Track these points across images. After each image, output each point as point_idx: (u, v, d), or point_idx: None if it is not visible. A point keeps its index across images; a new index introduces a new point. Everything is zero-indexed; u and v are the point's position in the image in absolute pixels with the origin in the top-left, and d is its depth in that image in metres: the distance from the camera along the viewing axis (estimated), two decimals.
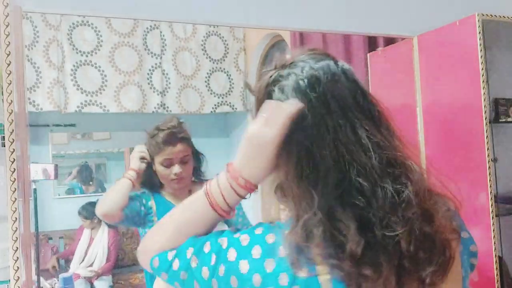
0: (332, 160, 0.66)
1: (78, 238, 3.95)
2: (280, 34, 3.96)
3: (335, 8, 2.09)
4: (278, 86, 0.72)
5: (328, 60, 0.73)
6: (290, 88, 0.71)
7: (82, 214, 3.89)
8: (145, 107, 4.01)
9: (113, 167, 4.64)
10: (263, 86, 0.74)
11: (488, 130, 1.86)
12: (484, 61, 1.87)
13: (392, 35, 2.32)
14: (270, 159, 0.71)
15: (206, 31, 4.33)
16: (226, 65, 4.44)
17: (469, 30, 1.91)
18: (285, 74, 0.72)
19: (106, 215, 1.65)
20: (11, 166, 1.32)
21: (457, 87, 2.01)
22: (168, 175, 1.69)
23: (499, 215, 1.93)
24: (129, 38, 3.98)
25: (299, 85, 0.70)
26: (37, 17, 3.62)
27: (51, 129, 4.25)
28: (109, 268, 3.74)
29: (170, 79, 4.15)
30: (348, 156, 0.66)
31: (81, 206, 3.95)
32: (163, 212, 1.70)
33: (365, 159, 0.67)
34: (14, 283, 1.31)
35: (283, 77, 0.72)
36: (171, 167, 1.68)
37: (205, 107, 4.32)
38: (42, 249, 3.89)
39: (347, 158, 0.66)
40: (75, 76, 3.77)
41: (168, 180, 1.70)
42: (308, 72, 0.71)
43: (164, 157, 1.67)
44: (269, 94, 0.73)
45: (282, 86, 0.72)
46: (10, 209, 1.31)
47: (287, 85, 0.71)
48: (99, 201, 1.67)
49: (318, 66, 0.72)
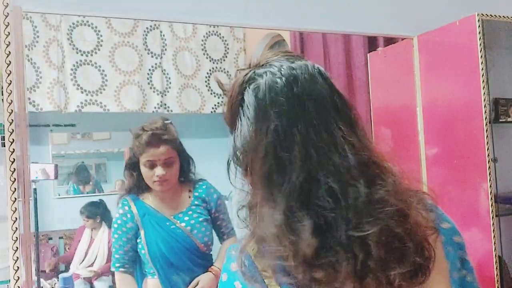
0: (299, 161, 0.65)
1: (78, 238, 3.95)
2: (280, 34, 3.96)
3: (335, 8, 2.09)
4: (254, 84, 0.70)
5: (305, 61, 0.73)
6: (265, 86, 0.69)
7: (84, 213, 3.90)
8: (145, 107, 4.01)
9: (113, 167, 4.64)
10: (237, 84, 0.72)
11: (488, 130, 1.86)
12: (484, 61, 1.87)
13: (392, 35, 2.32)
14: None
15: (206, 31, 4.33)
16: (226, 65, 4.44)
17: (469, 30, 1.91)
18: (261, 73, 0.71)
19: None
20: (11, 166, 1.32)
21: (457, 87, 2.01)
22: (150, 177, 1.68)
23: (499, 215, 1.93)
24: (129, 38, 3.98)
25: (276, 83, 0.69)
26: (37, 17, 3.62)
27: (51, 129, 4.25)
28: (109, 268, 3.74)
29: (171, 79, 4.15)
30: (318, 157, 0.65)
31: (83, 206, 3.96)
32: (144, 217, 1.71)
33: (338, 160, 0.66)
34: (14, 283, 1.31)
35: (258, 76, 0.71)
36: (154, 169, 1.67)
37: (206, 107, 4.32)
38: (42, 249, 3.89)
39: (316, 159, 0.65)
40: (75, 75, 3.77)
41: (151, 181, 1.69)
42: (286, 71, 0.70)
43: (147, 159, 1.66)
44: (241, 93, 0.71)
45: (257, 85, 0.70)
46: (10, 209, 1.31)
47: (262, 84, 0.70)
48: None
49: (296, 65, 0.71)
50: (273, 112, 0.67)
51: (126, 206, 1.74)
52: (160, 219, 1.72)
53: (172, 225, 1.72)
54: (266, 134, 0.67)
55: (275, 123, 0.67)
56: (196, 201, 1.79)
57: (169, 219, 1.73)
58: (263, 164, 0.67)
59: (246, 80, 0.72)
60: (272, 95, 0.68)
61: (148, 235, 1.70)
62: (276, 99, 0.68)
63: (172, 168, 1.70)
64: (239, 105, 0.71)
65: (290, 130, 0.66)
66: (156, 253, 1.69)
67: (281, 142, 0.66)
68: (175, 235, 1.71)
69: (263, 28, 3.41)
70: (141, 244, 1.71)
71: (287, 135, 0.66)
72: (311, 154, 0.66)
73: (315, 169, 0.65)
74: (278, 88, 0.69)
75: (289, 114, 0.67)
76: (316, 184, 0.65)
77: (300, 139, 0.66)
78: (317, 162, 0.65)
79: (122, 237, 1.72)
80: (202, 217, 1.77)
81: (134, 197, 1.76)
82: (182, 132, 1.83)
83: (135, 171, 1.73)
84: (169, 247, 1.69)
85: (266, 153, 0.67)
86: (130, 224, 1.72)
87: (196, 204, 1.78)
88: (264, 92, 0.69)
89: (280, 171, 0.66)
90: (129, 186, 1.76)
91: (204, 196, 1.81)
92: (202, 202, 1.80)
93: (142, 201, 1.75)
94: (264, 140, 0.67)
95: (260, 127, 0.68)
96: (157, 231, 1.71)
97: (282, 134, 0.66)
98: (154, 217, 1.72)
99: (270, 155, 0.66)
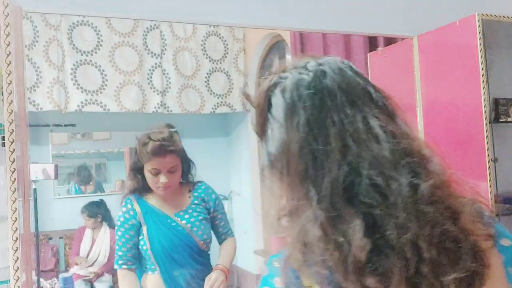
0: (338, 153, 0.61)
1: (79, 238, 3.95)
2: (280, 34, 3.96)
3: (335, 8, 2.09)
4: (280, 86, 0.68)
5: (333, 56, 0.70)
6: (292, 84, 0.67)
7: (85, 213, 3.89)
8: (145, 107, 4.01)
9: (113, 167, 4.64)
10: (263, 90, 0.70)
11: (488, 130, 1.86)
12: (484, 61, 1.87)
13: (392, 35, 2.32)
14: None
15: (206, 31, 4.33)
16: (225, 65, 4.44)
17: (469, 30, 1.91)
18: (287, 75, 0.69)
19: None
20: (11, 166, 1.32)
21: (457, 87, 2.01)
22: (155, 183, 1.75)
23: (499, 215, 1.93)
24: (129, 38, 3.98)
25: (302, 79, 0.66)
26: (37, 17, 3.62)
27: (51, 129, 4.24)
28: (110, 268, 3.74)
29: (170, 79, 4.15)
30: (358, 148, 0.61)
31: (84, 205, 3.96)
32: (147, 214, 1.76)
33: (378, 150, 0.61)
34: (14, 283, 1.31)
35: (284, 78, 0.69)
36: (158, 176, 1.73)
37: (205, 107, 4.32)
38: (42, 249, 3.89)
39: (356, 151, 0.61)
40: (75, 75, 3.77)
41: (155, 187, 1.76)
42: (313, 66, 0.68)
43: (153, 167, 1.72)
44: (269, 97, 0.69)
45: (284, 86, 0.68)
46: (10, 209, 1.31)
47: (289, 84, 0.67)
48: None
49: (322, 61, 0.69)
50: (302, 106, 0.64)
51: (129, 205, 1.80)
52: (162, 217, 1.78)
53: (173, 223, 1.78)
54: (297, 130, 0.64)
55: (305, 117, 0.64)
56: (196, 201, 1.84)
57: (170, 217, 1.79)
58: (299, 162, 0.63)
59: (271, 84, 0.69)
60: (300, 90, 0.66)
61: (150, 231, 1.76)
62: (303, 93, 0.65)
63: (175, 174, 1.76)
64: (267, 111, 0.69)
65: (323, 123, 0.63)
66: (158, 248, 1.75)
67: (314, 136, 0.63)
68: (176, 232, 1.77)
69: (263, 28, 3.41)
70: (143, 240, 1.76)
71: (321, 128, 0.63)
72: (349, 145, 0.62)
73: (356, 161, 0.61)
74: (305, 83, 0.66)
75: (319, 107, 0.64)
76: (358, 178, 0.60)
77: (335, 131, 0.62)
78: (357, 154, 0.61)
79: (125, 234, 1.77)
80: (202, 215, 1.83)
81: (137, 197, 1.81)
82: (181, 132, 1.85)
83: (139, 174, 1.79)
84: (170, 243, 1.75)
85: (300, 150, 0.63)
86: (133, 221, 1.78)
87: (196, 203, 1.84)
88: (291, 89, 0.66)
89: (318, 167, 0.62)
90: (133, 187, 1.81)
91: (203, 196, 1.86)
92: (202, 202, 1.85)
93: (145, 200, 1.81)
94: (297, 137, 0.63)
95: (290, 124, 0.65)
96: (159, 228, 1.76)
97: (314, 127, 0.63)
98: (156, 214, 1.78)
99: (305, 151, 0.63)
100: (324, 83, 0.66)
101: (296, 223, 0.62)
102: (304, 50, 3.40)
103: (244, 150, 4.59)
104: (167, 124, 1.80)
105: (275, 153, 0.66)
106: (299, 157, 0.63)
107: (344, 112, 0.63)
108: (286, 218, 0.65)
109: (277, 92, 0.68)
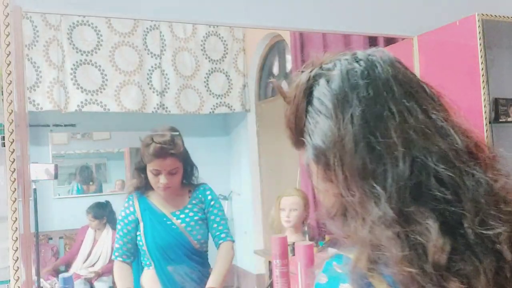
0: (401, 146, 0.56)
1: (81, 238, 3.95)
2: (280, 34, 3.96)
3: (335, 8, 2.09)
4: (324, 77, 0.63)
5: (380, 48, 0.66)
6: (341, 74, 0.61)
7: (91, 213, 3.89)
8: (145, 107, 4.01)
9: (113, 167, 4.64)
10: (301, 83, 0.64)
11: (488, 130, 1.86)
12: (484, 61, 1.87)
13: (392, 35, 2.32)
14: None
15: (205, 31, 4.33)
16: (225, 65, 4.43)
17: (469, 30, 1.91)
18: (330, 66, 0.64)
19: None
20: (11, 166, 1.32)
21: (457, 87, 2.01)
22: (155, 183, 1.81)
23: None
24: (129, 37, 3.98)
25: (353, 68, 0.61)
26: (37, 17, 3.62)
27: (51, 129, 4.24)
28: (110, 269, 3.74)
29: (170, 80, 4.15)
30: (423, 141, 0.57)
31: (90, 206, 3.96)
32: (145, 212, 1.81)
33: (444, 144, 0.57)
34: (14, 283, 1.31)
35: (327, 69, 0.64)
36: (158, 176, 1.80)
37: (204, 108, 4.32)
38: (42, 249, 3.89)
39: (421, 144, 0.57)
40: (75, 75, 3.77)
41: (155, 186, 1.83)
42: (362, 55, 0.63)
43: (154, 167, 1.79)
44: (310, 89, 0.64)
45: (330, 76, 0.62)
46: (10, 209, 1.31)
47: (336, 73, 0.62)
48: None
49: (370, 51, 0.64)
50: (356, 97, 0.59)
51: (130, 201, 1.88)
52: (158, 215, 1.85)
53: (168, 221, 1.84)
54: (352, 122, 0.58)
55: (361, 109, 0.59)
56: (194, 201, 1.89)
57: (166, 216, 1.85)
58: (355, 157, 0.57)
59: (312, 76, 0.64)
60: (352, 80, 0.61)
61: (146, 228, 1.83)
62: (357, 83, 0.60)
63: (175, 176, 1.82)
64: (307, 103, 0.64)
65: (380, 114, 0.58)
66: (152, 245, 1.82)
67: (371, 128, 0.58)
68: (170, 231, 1.83)
69: (263, 28, 3.41)
70: (140, 236, 1.84)
71: (378, 120, 0.58)
72: (412, 138, 0.57)
73: (422, 155, 0.56)
74: (357, 72, 0.61)
75: (375, 98, 0.59)
76: (426, 173, 0.56)
77: (395, 123, 0.58)
78: (422, 146, 0.57)
79: (123, 229, 1.86)
80: (198, 216, 1.87)
81: (139, 194, 1.88)
82: (181, 132, 1.87)
83: (143, 173, 1.85)
84: (164, 241, 1.82)
85: (356, 143, 0.58)
86: (132, 217, 1.85)
87: (193, 203, 1.88)
88: (341, 79, 0.61)
89: (378, 162, 0.57)
90: (137, 185, 1.88)
91: (201, 196, 1.91)
92: (199, 202, 1.90)
93: (146, 198, 1.88)
94: (351, 129, 0.58)
95: (343, 117, 0.59)
96: (154, 226, 1.83)
97: (371, 119, 0.58)
98: (153, 213, 1.85)
99: (361, 145, 0.58)
100: (377, 73, 0.61)
101: (362, 223, 0.57)
102: (304, 50, 3.40)
103: (244, 150, 4.59)
104: (170, 127, 1.85)
105: (323, 147, 0.61)
106: (355, 151, 0.58)
107: (403, 103, 0.59)
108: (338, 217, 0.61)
109: (321, 83, 0.63)
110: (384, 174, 0.56)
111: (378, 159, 0.57)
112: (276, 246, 1.42)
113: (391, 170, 0.56)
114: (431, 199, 0.55)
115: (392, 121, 0.58)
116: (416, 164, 0.56)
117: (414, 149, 0.57)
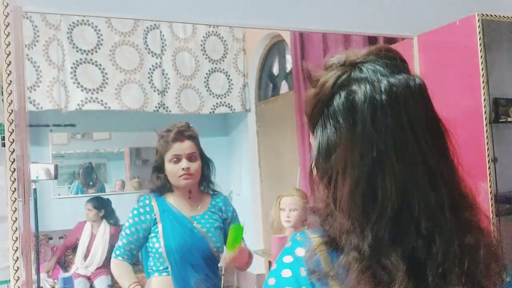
0: (394, 194, 0.60)
1: (77, 232, 3.95)
2: (280, 34, 3.96)
3: (335, 8, 2.09)
4: (347, 91, 0.65)
5: (405, 74, 0.66)
6: (363, 99, 0.63)
7: (90, 203, 3.90)
8: (146, 106, 4.00)
9: (113, 167, 4.64)
10: (328, 84, 0.66)
11: (488, 130, 1.86)
12: (484, 61, 1.87)
13: (392, 35, 2.32)
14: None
15: (205, 31, 4.33)
16: (225, 65, 4.43)
17: (469, 30, 1.91)
18: (358, 79, 0.65)
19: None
20: (11, 166, 1.32)
21: (457, 87, 2.01)
22: (176, 171, 1.79)
23: (499, 215, 1.93)
24: (130, 37, 3.97)
25: (375, 99, 0.63)
26: (37, 17, 3.62)
27: (51, 129, 4.24)
28: (108, 266, 3.74)
29: (170, 80, 4.15)
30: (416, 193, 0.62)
31: (91, 197, 3.99)
32: (164, 213, 1.78)
33: (434, 198, 0.62)
34: (14, 283, 1.31)
35: (354, 81, 0.65)
36: (179, 163, 1.78)
37: (204, 108, 4.32)
38: (42, 249, 3.89)
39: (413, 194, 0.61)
40: (75, 74, 3.76)
41: (176, 176, 1.79)
42: (386, 86, 0.64)
43: (173, 153, 1.78)
44: (332, 95, 0.66)
45: (352, 94, 0.64)
46: (10, 209, 1.31)
47: (359, 95, 0.64)
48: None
49: (395, 81, 0.65)
50: (365, 129, 0.63)
51: (147, 200, 1.84)
52: (179, 217, 1.82)
53: (188, 224, 1.81)
54: (362, 159, 0.62)
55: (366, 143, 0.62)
56: (213, 209, 1.89)
57: (187, 218, 1.82)
58: (352, 185, 0.62)
59: (339, 83, 0.66)
60: (371, 111, 0.63)
61: (165, 229, 1.79)
62: (372, 116, 0.63)
63: (195, 163, 1.81)
64: (326, 105, 0.66)
65: (380, 155, 0.62)
66: (171, 247, 1.77)
67: (369, 167, 0.62)
68: (191, 233, 1.80)
69: (263, 28, 3.41)
70: (157, 237, 1.78)
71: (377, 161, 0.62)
72: (406, 188, 0.61)
73: (411, 205, 0.61)
74: (377, 104, 0.63)
75: (382, 138, 0.62)
76: (408, 221, 0.61)
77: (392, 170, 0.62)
78: (413, 197, 0.61)
79: (131, 227, 1.80)
80: (217, 223, 1.87)
81: (156, 195, 1.85)
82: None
83: (161, 173, 1.83)
84: (185, 243, 1.78)
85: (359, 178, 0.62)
86: (148, 217, 1.80)
87: (213, 211, 1.88)
88: (361, 105, 0.63)
89: (368, 199, 0.61)
90: (154, 187, 1.85)
91: (221, 205, 1.91)
92: (219, 211, 1.89)
93: (164, 199, 1.85)
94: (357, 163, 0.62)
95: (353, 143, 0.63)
96: (175, 227, 1.79)
97: (371, 157, 0.62)
98: (173, 214, 1.82)
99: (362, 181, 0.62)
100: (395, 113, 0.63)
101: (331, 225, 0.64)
102: (304, 50, 3.41)
103: (244, 150, 4.59)
104: (186, 122, 1.87)
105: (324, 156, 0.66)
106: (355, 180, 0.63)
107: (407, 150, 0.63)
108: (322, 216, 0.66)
109: (343, 97, 0.65)
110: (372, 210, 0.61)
111: (370, 198, 0.61)
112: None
113: (379, 210, 0.61)
114: (405, 243, 0.60)
115: (391, 166, 0.61)
116: (402, 213, 0.61)
117: (404, 198, 0.61)
